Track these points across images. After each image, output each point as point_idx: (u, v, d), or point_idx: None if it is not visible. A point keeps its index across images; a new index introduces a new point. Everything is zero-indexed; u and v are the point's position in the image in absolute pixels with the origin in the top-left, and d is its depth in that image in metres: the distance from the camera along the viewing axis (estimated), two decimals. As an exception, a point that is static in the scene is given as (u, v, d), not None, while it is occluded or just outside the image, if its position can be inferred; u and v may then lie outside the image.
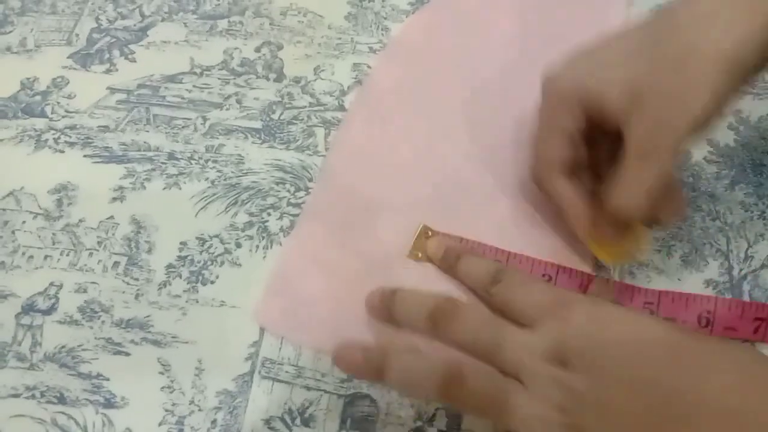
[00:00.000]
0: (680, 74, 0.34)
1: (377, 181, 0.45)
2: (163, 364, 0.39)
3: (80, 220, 0.45)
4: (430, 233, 0.42)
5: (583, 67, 0.38)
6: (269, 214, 0.45)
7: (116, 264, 0.43)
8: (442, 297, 0.36)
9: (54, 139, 0.49)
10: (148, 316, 0.41)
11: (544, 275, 0.41)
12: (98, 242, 0.44)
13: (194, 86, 0.51)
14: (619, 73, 0.36)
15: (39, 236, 0.44)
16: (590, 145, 0.40)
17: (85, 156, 0.48)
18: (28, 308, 0.42)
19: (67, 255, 0.44)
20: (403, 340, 0.37)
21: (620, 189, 0.36)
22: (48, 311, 0.41)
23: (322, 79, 0.52)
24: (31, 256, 0.44)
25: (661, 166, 0.35)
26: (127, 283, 0.42)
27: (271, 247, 0.43)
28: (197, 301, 0.42)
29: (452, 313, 0.35)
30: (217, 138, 0.49)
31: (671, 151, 0.35)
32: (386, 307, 0.38)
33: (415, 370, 0.34)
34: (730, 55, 0.33)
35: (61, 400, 0.38)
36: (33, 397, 0.39)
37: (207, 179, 0.46)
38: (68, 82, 0.52)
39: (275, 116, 0.50)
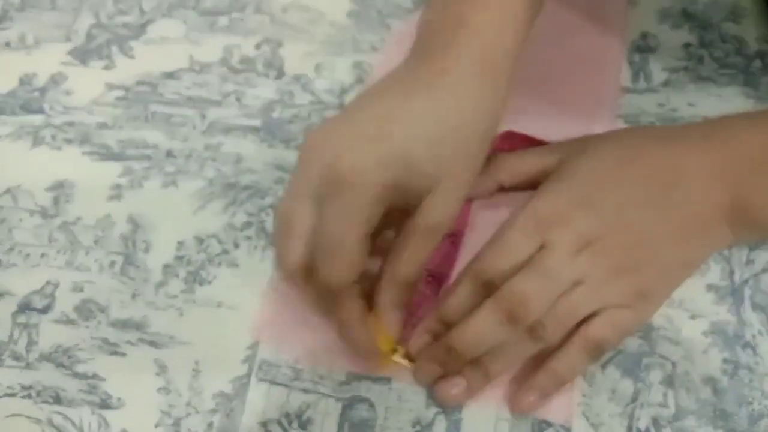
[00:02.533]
0: (460, 150, 0.36)
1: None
2: (159, 365, 0.39)
3: (77, 218, 0.45)
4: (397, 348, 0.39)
5: (386, 153, 0.35)
6: (268, 214, 0.44)
7: (113, 263, 0.43)
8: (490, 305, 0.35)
9: (52, 135, 0.48)
10: (144, 317, 0.41)
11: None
12: (95, 241, 0.44)
13: (193, 83, 0.51)
14: (420, 155, 0.35)
15: (36, 234, 0.44)
16: None
17: (82, 153, 0.48)
18: (24, 307, 0.41)
19: (64, 253, 0.43)
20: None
21: (408, 257, 0.36)
22: (44, 310, 0.41)
23: (323, 77, 0.51)
24: (28, 254, 0.43)
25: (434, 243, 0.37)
26: (124, 283, 0.42)
27: (269, 247, 0.43)
28: (194, 302, 0.41)
29: (519, 304, 0.35)
30: (216, 136, 0.48)
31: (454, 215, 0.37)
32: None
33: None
34: (482, 131, 0.37)
35: (57, 400, 0.38)
36: (29, 396, 0.38)
37: (205, 178, 0.46)
38: (67, 79, 0.52)
39: (275, 114, 0.49)
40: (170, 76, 0.52)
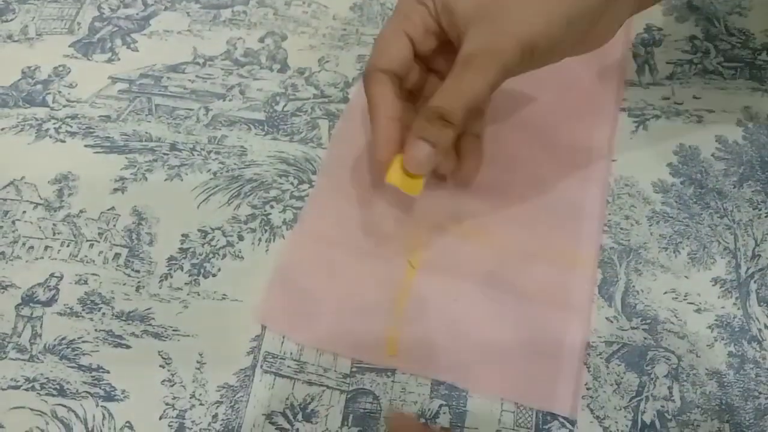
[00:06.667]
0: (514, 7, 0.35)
1: (381, 174, 0.45)
2: (164, 358, 0.39)
3: (81, 211, 0.45)
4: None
5: None
6: (272, 207, 0.44)
7: (117, 256, 0.43)
8: None
9: (55, 128, 0.48)
10: (149, 309, 0.41)
11: None
12: (99, 233, 0.43)
13: (197, 76, 0.51)
14: None
15: (39, 227, 0.44)
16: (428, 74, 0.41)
17: (86, 146, 0.47)
18: (28, 299, 0.41)
19: (68, 246, 0.43)
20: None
21: (441, 91, 0.36)
22: (48, 302, 0.41)
23: (327, 70, 0.51)
24: (32, 247, 0.43)
25: (482, 80, 0.35)
26: (128, 275, 0.42)
27: (273, 240, 0.43)
28: (199, 294, 0.41)
29: None
30: (220, 129, 0.48)
31: (494, 69, 0.35)
32: None
33: None
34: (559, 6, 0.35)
35: (61, 392, 0.38)
36: (33, 388, 0.38)
37: (209, 171, 0.46)
38: (70, 71, 0.52)
39: (279, 108, 0.49)
40: (174, 69, 0.51)
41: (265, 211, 0.44)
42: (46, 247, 0.43)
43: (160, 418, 0.37)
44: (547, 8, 0.34)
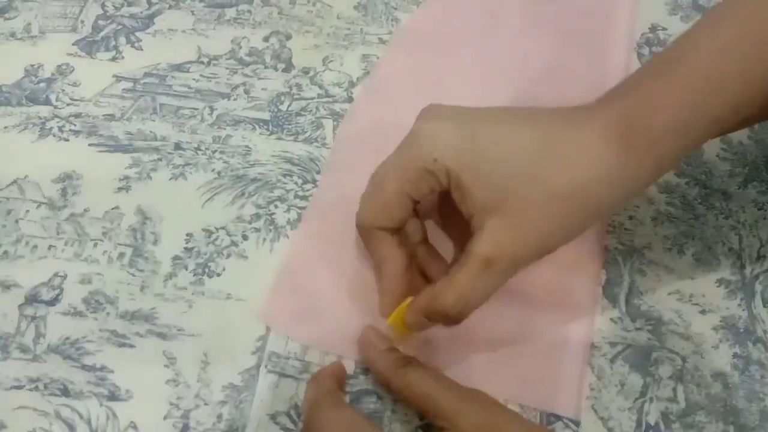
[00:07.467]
0: (544, 208, 0.33)
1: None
2: (168, 357, 0.39)
3: (85, 210, 0.44)
4: None
5: (467, 145, 0.34)
6: (276, 207, 0.44)
7: (121, 255, 0.43)
8: None
9: (59, 127, 0.48)
10: (153, 308, 0.41)
11: None
12: (103, 233, 0.43)
13: (201, 75, 0.51)
14: (497, 170, 0.34)
15: (43, 226, 0.44)
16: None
17: (90, 145, 0.47)
18: (32, 299, 0.41)
19: (72, 245, 0.43)
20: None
21: (451, 285, 0.34)
22: (52, 302, 0.41)
23: (331, 69, 0.51)
24: (35, 246, 0.43)
25: (498, 283, 0.34)
26: (133, 275, 0.42)
27: (278, 239, 0.43)
28: (203, 294, 0.41)
29: None
30: (224, 128, 0.48)
31: (511, 273, 0.34)
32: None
33: None
34: (594, 201, 0.33)
35: (65, 392, 0.38)
36: (36, 389, 0.38)
37: (214, 170, 0.46)
38: (73, 70, 0.51)
39: (283, 107, 0.49)
40: (178, 68, 0.51)
41: (269, 210, 0.44)
42: (50, 246, 0.43)
43: (165, 418, 0.37)
44: (567, 221, 0.34)
